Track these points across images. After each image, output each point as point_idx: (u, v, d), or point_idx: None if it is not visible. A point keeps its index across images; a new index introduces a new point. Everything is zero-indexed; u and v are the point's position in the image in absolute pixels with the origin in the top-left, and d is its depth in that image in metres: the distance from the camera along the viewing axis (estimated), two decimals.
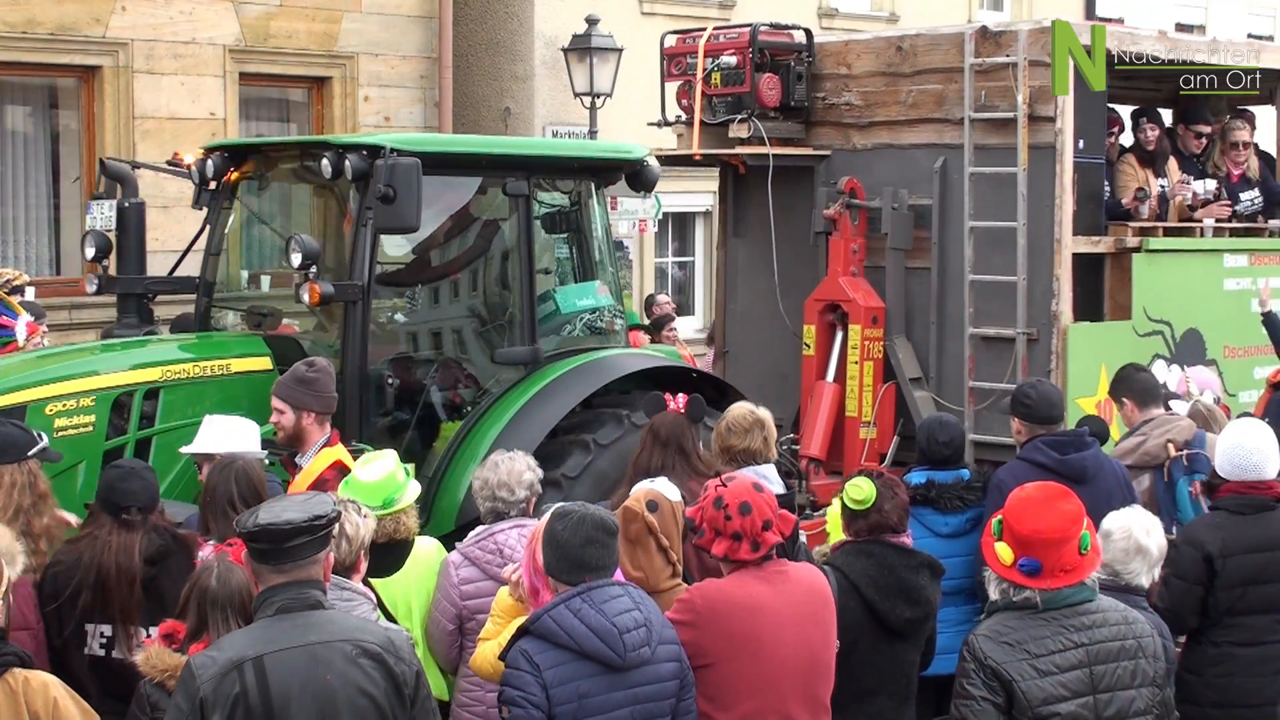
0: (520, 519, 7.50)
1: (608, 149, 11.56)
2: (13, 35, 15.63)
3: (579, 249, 10.96)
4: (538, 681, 5.60)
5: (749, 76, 12.34)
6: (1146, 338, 12.29)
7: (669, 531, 6.70)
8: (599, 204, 10.91)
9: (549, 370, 10.32)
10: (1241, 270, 12.98)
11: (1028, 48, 11.70)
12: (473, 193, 10.56)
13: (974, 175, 11.99)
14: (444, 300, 10.74)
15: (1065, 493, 5.96)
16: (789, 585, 6.28)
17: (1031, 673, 5.69)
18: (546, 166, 10.60)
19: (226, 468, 7.41)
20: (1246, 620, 7.37)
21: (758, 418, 8.46)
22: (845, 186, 12.33)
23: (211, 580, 5.89)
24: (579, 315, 10.77)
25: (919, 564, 7.22)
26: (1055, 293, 11.75)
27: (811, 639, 6.31)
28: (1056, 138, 11.72)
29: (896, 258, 12.37)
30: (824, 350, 12.39)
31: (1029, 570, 5.76)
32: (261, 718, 4.98)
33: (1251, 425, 7.97)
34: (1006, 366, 11.85)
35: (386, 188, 9.25)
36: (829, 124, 12.78)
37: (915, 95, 12.35)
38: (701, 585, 6.31)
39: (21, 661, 5.31)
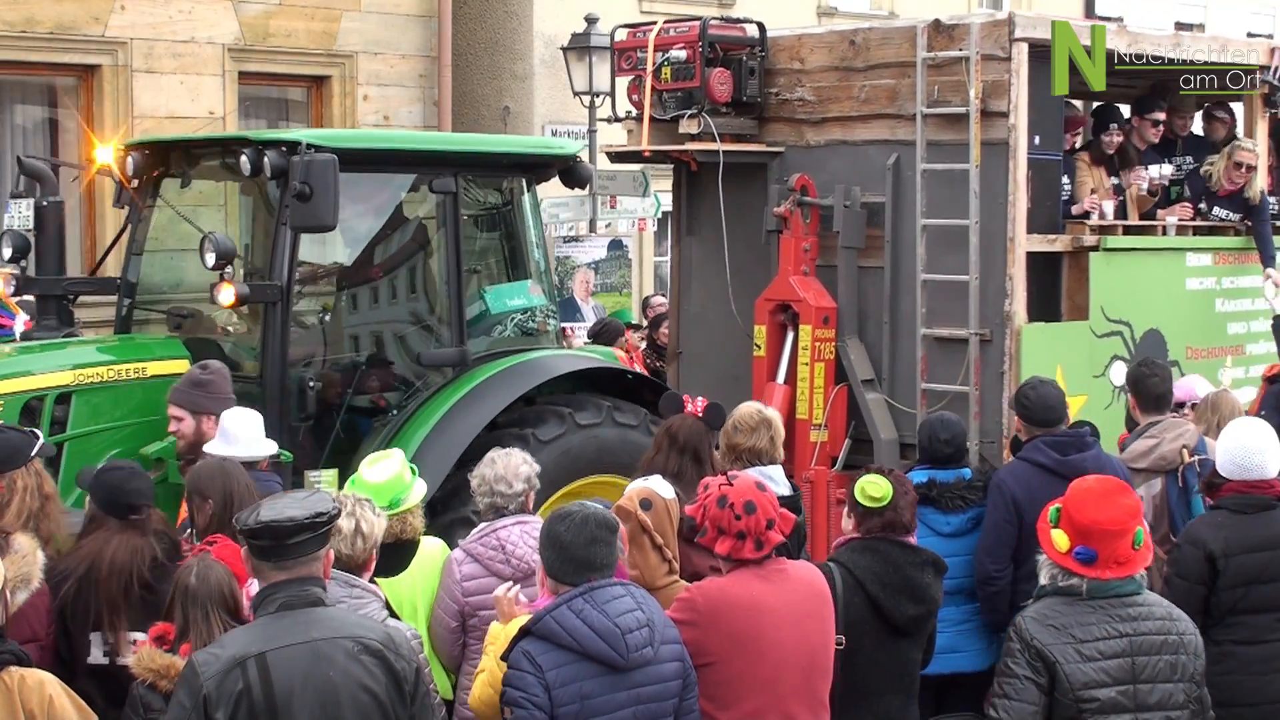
0: (522, 515, 7.37)
1: (537, 145, 11.07)
2: (12, 34, 15.42)
3: (511, 248, 10.36)
4: (540, 682, 5.52)
5: (699, 71, 11.81)
6: (1104, 338, 11.71)
7: (663, 529, 6.62)
8: (531, 201, 10.27)
9: (477, 372, 9.93)
10: (1205, 269, 12.40)
11: (980, 41, 11.14)
12: (398, 190, 10.12)
13: (926, 172, 11.44)
14: (370, 301, 10.33)
15: (1125, 488, 6.06)
16: (789, 583, 6.20)
17: (1075, 656, 5.76)
18: (473, 163, 10.08)
19: (237, 468, 7.34)
20: (1248, 619, 7.24)
21: (764, 417, 8.25)
22: (796, 184, 11.81)
23: (191, 578, 5.84)
24: (510, 315, 10.26)
25: (923, 561, 7.10)
26: (1009, 292, 11.21)
27: (811, 637, 6.23)
28: (1009, 134, 11.19)
29: (849, 256, 11.81)
30: (775, 351, 11.88)
31: (1084, 559, 5.82)
32: (264, 714, 4.92)
33: (1252, 424, 7.79)
34: (960, 368, 11.26)
35: (302, 185, 8.86)
36: (782, 120, 12.24)
37: (868, 90, 11.79)
38: (702, 584, 6.20)
39: (18, 660, 5.25)
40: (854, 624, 6.79)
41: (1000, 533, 8.27)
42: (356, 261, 10.39)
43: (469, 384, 9.78)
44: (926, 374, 11.55)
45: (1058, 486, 7.58)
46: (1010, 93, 11.20)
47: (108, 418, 9.04)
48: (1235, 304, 12.65)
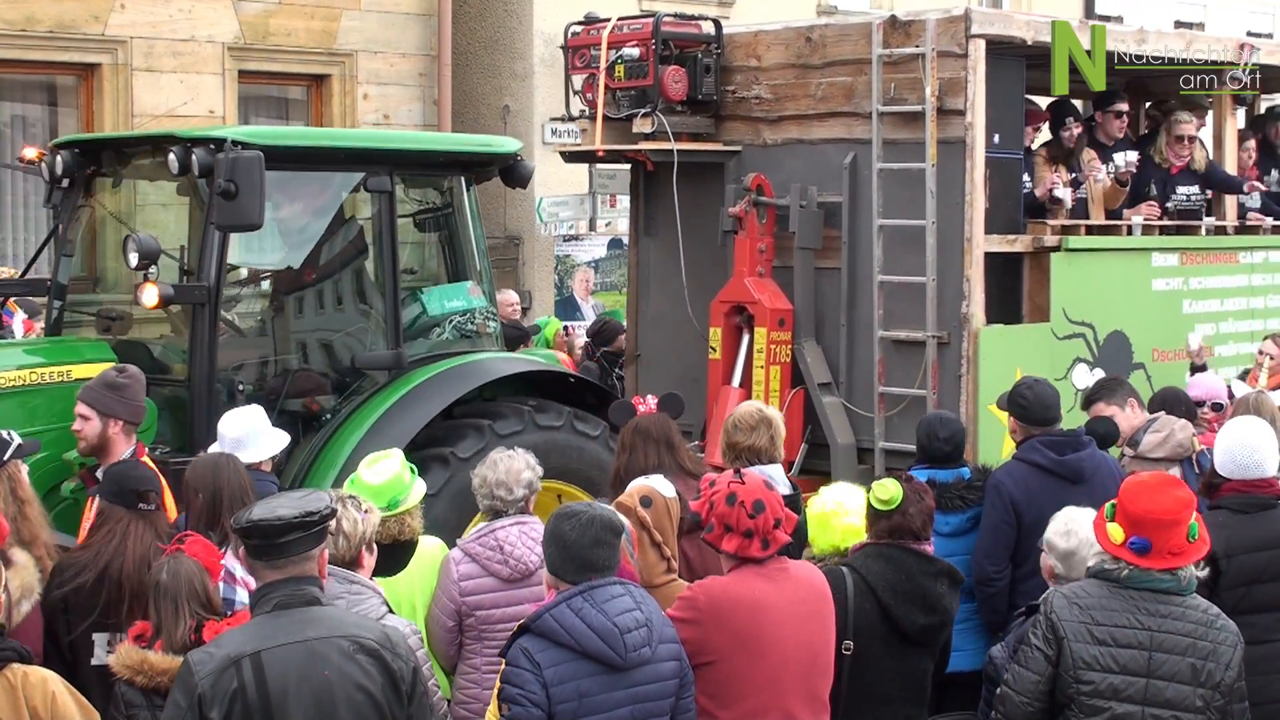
0: (520, 516, 7.20)
1: (476, 143, 10.64)
2: (12, 33, 15.18)
3: (451, 248, 9.93)
4: (538, 680, 5.45)
5: (652, 69, 11.32)
6: (1066, 340, 11.27)
7: (663, 527, 6.60)
8: (472, 201, 9.82)
9: (414, 375, 9.54)
10: (1172, 270, 11.92)
11: (936, 38, 10.72)
12: (332, 189, 9.71)
13: (882, 171, 10.99)
14: (304, 302, 9.96)
15: (1178, 481, 6.05)
16: (790, 582, 6.12)
17: (1085, 636, 5.77)
18: (409, 162, 9.64)
19: (230, 464, 7.16)
20: (1251, 619, 6.94)
21: (764, 415, 8.09)
22: (751, 183, 11.34)
23: (162, 575, 5.80)
24: (448, 317, 9.77)
25: (938, 571, 6.88)
26: (966, 294, 10.81)
27: (812, 636, 6.16)
28: (966, 132, 10.78)
29: (805, 258, 11.36)
30: (730, 354, 11.47)
31: (1139, 549, 5.81)
32: (259, 713, 4.86)
33: (1252, 423, 7.63)
34: (917, 371, 10.82)
35: (228, 183, 8.51)
36: (739, 118, 11.80)
37: (825, 88, 11.38)
38: (704, 583, 6.13)
39: (20, 657, 5.21)
40: (863, 630, 6.65)
41: (998, 534, 8.03)
42: (290, 262, 10.02)
43: (404, 387, 9.42)
44: (884, 377, 11.15)
45: (1056, 487, 7.81)
46: (967, 90, 10.79)
47: (31, 422, 8.60)
48: (1203, 305, 12.19)
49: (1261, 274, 12.64)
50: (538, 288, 18.36)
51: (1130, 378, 11.32)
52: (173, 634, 5.76)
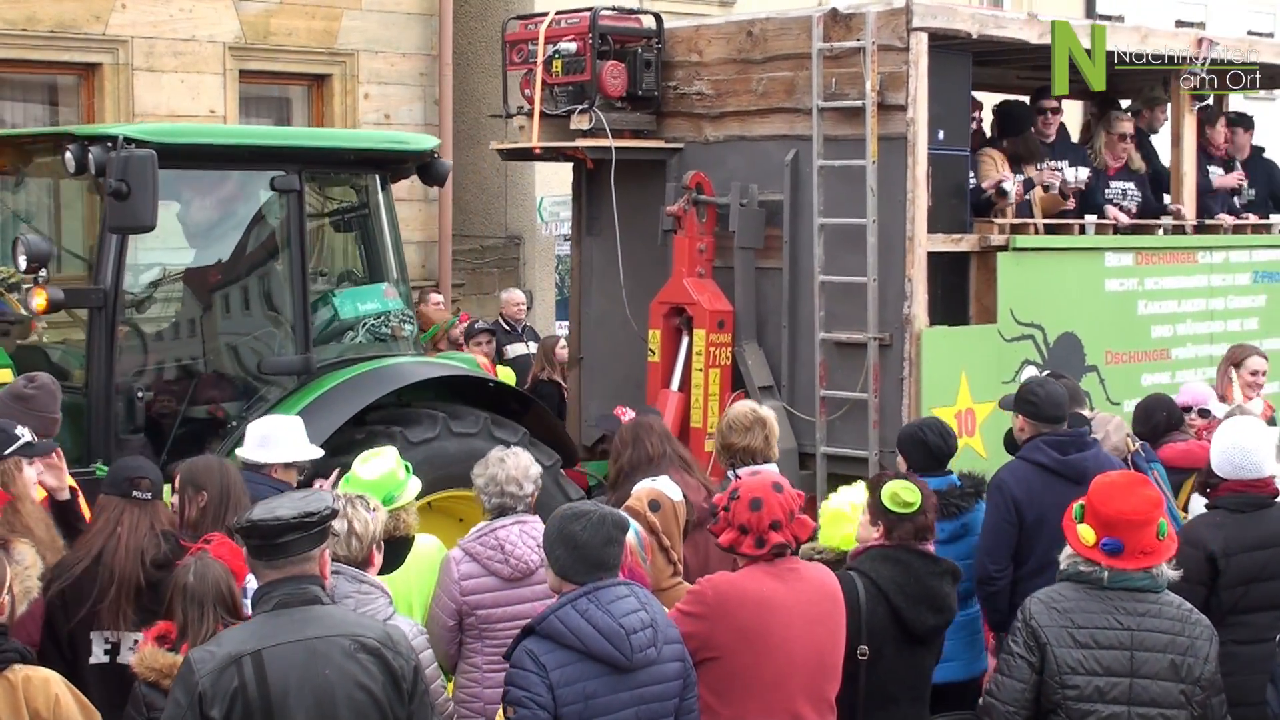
0: (522, 515, 7.03)
1: (389, 140, 10.11)
2: (13, 33, 14.77)
3: (366, 249, 9.37)
4: (544, 682, 5.36)
5: (590, 64, 10.77)
6: (1014, 342, 10.75)
7: (670, 532, 6.55)
8: (387, 200, 9.27)
9: (323, 380, 9.07)
10: (1126, 270, 11.37)
11: (877, 31, 10.19)
12: (238, 188, 9.23)
13: (823, 168, 10.47)
14: (209, 306, 9.46)
15: (1146, 480, 6.01)
16: (801, 583, 6.02)
17: (1068, 640, 5.72)
18: (318, 159, 9.13)
19: (218, 468, 6.99)
20: (1248, 618, 6.99)
21: (759, 416, 8.00)
22: (690, 181, 10.80)
23: (189, 577, 5.74)
24: (362, 320, 9.21)
25: (943, 571, 6.78)
26: (908, 294, 10.35)
27: (820, 638, 6.05)
28: (908, 128, 10.24)
29: (745, 257, 10.85)
30: (669, 356, 10.98)
31: (1111, 550, 5.75)
32: (260, 712, 4.79)
33: (1248, 424, 7.53)
34: (859, 374, 10.22)
35: (119, 182, 8.05)
36: (680, 115, 11.31)
37: (766, 83, 10.90)
38: (713, 577, 6.03)
39: (22, 658, 5.13)
40: (876, 633, 6.55)
41: (1000, 533, 7.82)
42: (195, 264, 9.54)
43: (313, 393, 8.95)
44: (825, 380, 10.65)
45: (1058, 486, 7.60)
46: (909, 85, 10.32)
47: None
48: (1159, 306, 11.66)
49: (1221, 274, 12.11)
50: (539, 288, 17.93)
51: (1082, 380, 10.93)
52: (197, 637, 5.62)
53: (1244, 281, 12.32)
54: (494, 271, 17.78)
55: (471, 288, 17.82)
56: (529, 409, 9.80)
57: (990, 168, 11.29)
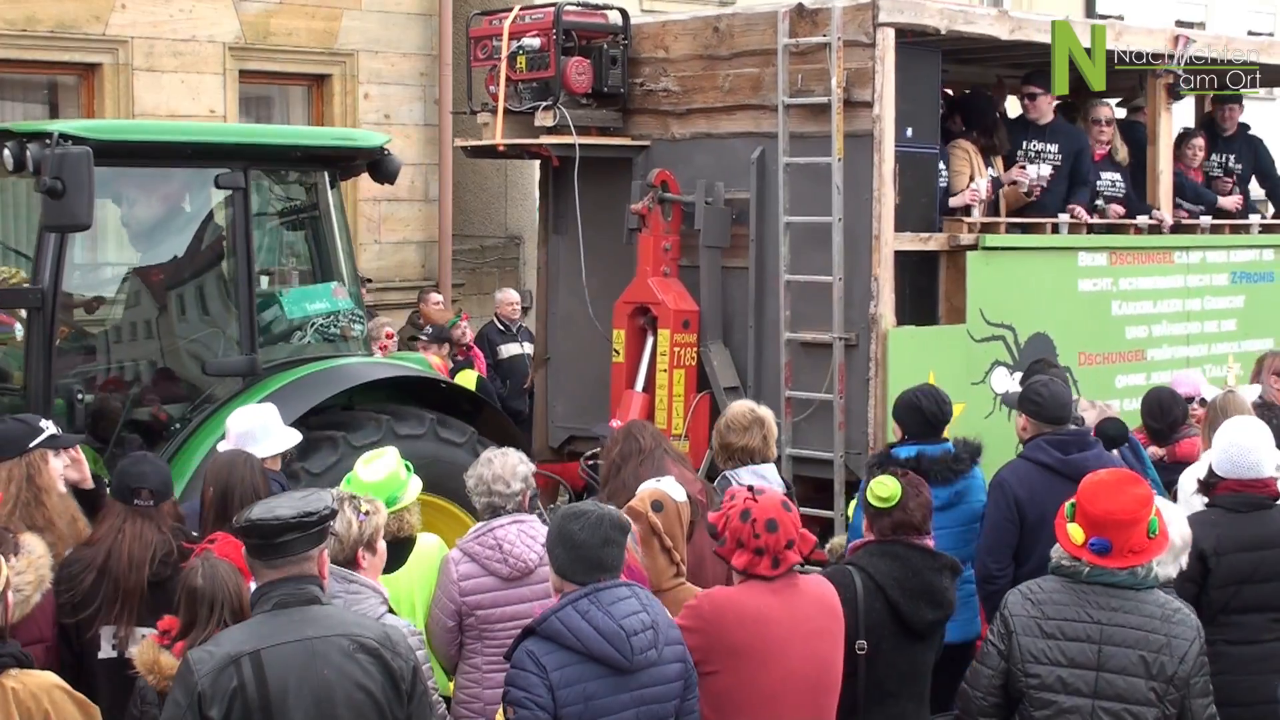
0: (518, 514, 7.00)
1: (337, 136, 9.85)
2: (12, 33, 14.62)
3: (315, 248, 9.13)
4: (544, 683, 5.31)
5: (554, 60, 10.50)
6: (984, 343, 10.50)
7: (673, 532, 6.46)
8: (337, 198, 9.04)
9: (269, 382, 8.86)
10: (1100, 270, 11.11)
11: (843, 27, 9.93)
12: (182, 186, 8.97)
13: (789, 166, 10.19)
14: (153, 306, 9.18)
15: (1136, 478, 5.91)
16: (799, 598, 5.95)
17: (1035, 630, 5.71)
18: (264, 156, 8.87)
19: (247, 461, 6.96)
20: (1240, 619, 6.94)
21: (757, 415, 7.94)
22: (655, 179, 10.53)
23: (198, 579, 5.63)
24: (310, 321, 8.94)
25: (941, 566, 6.73)
26: (874, 294, 10.08)
27: (819, 653, 5.99)
28: (874, 125, 9.97)
29: (711, 256, 10.60)
30: (634, 357, 10.71)
31: (1099, 549, 5.70)
32: (259, 712, 4.77)
33: (1249, 423, 7.46)
34: (826, 374, 10.00)
35: (54, 180, 7.86)
36: (647, 112, 11.08)
37: (732, 80, 10.65)
38: (711, 593, 5.99)
39: (19, 662, 5.04)
40: (873, 628, 6.51)
41: (1001, 531, 7.80)
42: (138, 264, 9.27)
43: (257, 395, 8.71)
44: (791, 381, 10.38)
45: (1060, 485, 7.46)
46: (875, 81, 10.08)
47: None
48: (1134, 307, 11.39)
49: (1198, 274, 11.84)
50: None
51: None
52: (198, 637, 5.51)
53: (1222, 282, 12.05)
54: (494, 271, 17.65)
55: (471, 288, 17.71)
56: (482, 410, 9.53)
57: (963, 163, 11.03)
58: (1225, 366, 11.84)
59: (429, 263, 17.16)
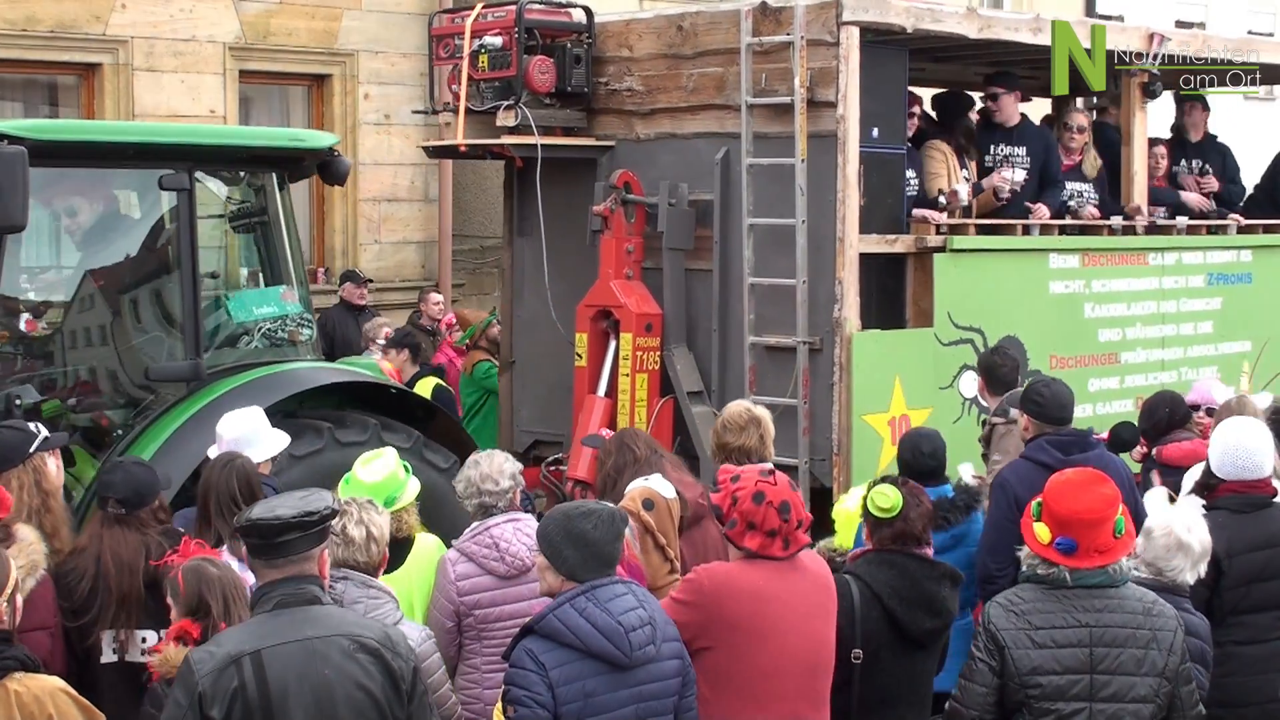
0: (512, 513, 6.97)
1: (285, 137, 9.54)
2: (12, 33, 14.64)
3: (264, 250, 8.91)
4: (544, 681, 5.29)
5: (515, 59, 10.26)
6: (952, 346, 10.27)
7: (665, 529, 6.48)
8: (285, 200, 8.80)
9: (214, 387, 8.61)
10: (1072, 272, 10.87)
11: (806, 25, 9.66)
12: (124, 188, 8.69)
13: (752, 167, 9.99)
14: (95, 309, 8.86)
15: (1103, 478, 5.85)
16: (796, 575, 5.94)
17: (1026, 642, 5.66)
18: (209, 157, 8.61)
19: (226, 465, 6.92)
20: (1249, 619, 6.93)
21: (754, 415, 7.85)
22: (618, 180, 10.27)
23: (211, 568, 5.71)
24: (257, 325, 8.74)
25: (941, 575, 6.67)
26: (839, 297, 9.84)
27: (815, 631, 5.97)
28: (838, 125, 9.71)
29: (675, 259, 10.38)
30: (596, 361, 10.48)
31: (1065, 549, 5.67)
32: (259, 711, 4.75)
33: (1248, 424, 7.43)
34: (790, 379, 9.70)
35: None
36: (611, 112, 10.85)
37: (696, 79, 10.42)
38: (710, 567, 5.96)
39: (23, 665, 5.01)
40: (871, 637, 6.47)
41: (1002, 531, 7.69)
42: (80, 266, 9.07)
43: (202, 401, 8.51)
44: (755, 385, 10.21)
45: None
46: (839, 81, 9.86)
47: None
48: (1107, 309, 11.14)
49: (1173, 276, 11.57)
50: None
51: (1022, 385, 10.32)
52: (232, 621, 5.57)
53: (1198, 283, 11.79)
54: (494, 271, 17.58)
55: (471, 288, 17.66)
56: (435, 417, 9.30)
57: (940, 164, 10.80)
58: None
59: (429, 263, 17.10)
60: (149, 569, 6.41)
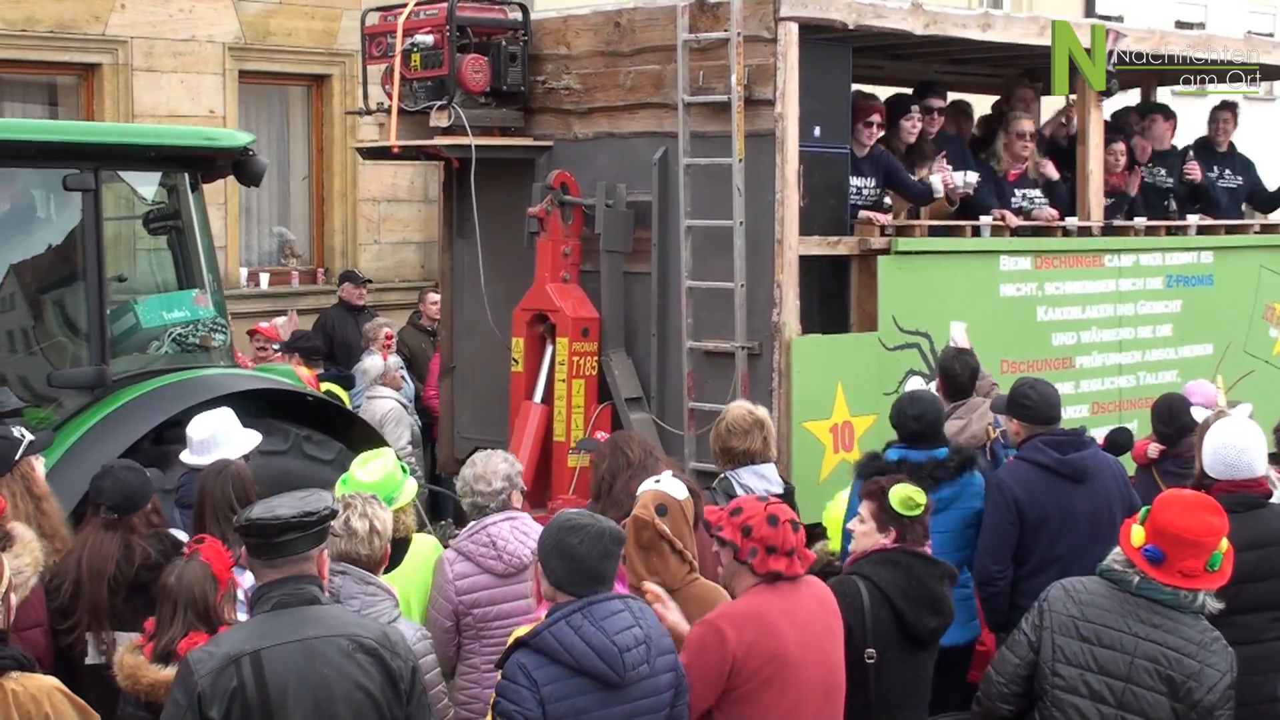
0: (509, 511, 6.91)
1: (196, 136, 9.18)
2: (12, 33, 14.53)
3: (176, 253, 8.51)
4: (535, 697, 5.22)
5: (448, 57, 9.88)
6: (898, 351, 9.94)
7: (681, 533, 6.28)
8: (198, 201, 8.43)
9: (121, 394, 8.32)
10: (1023, 274, 10.52)
11: (743, 21, 9.29)
12: (27, 187, 8.47)
13: (690, 167, 9.56)
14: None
15: (1218, 509, 5.84)
16: (803, 599, 5.89)
17: (1070, 629, 5.65)
18: (116, 156, 8.27)
19: (221, 472, 6.82)
20: (1241, 619, 6.72)
21: (757, 418, 7.80)
22: (554, 181, 9.90)
23: (170, 577, 5.70)
24: (167, 330, 8.36)
25: (941, 574, 6.68)
26: (778, 301, 9.45)
27: (828, 654, 5.93)
28: (777, 124, 9.28)
29: (613, 261, 10.06)
30: (533, 366, 10.11)
31: (1152, 557, 5.63)
32: (258, 711, 4.72)
33: (1240, 424, 7.31)
34: (729, 385, 9.34)
35: None
36: (549, 111, 10.50)
37: (634, 77, 10.11)
38: (725, 614, 5.78)
39: (19, 665, 4.96)
40: (880, 637, 6.45)
41: (1000, 532, 7.66)
42: None
43: (107, 408, 8.24)
44: (694, 391, 9.83)
45: (1059, 486, 7.60)
46: (777, 78, 9.52)
47: None
48: (1061, 312, 10.78)
49: (1131, 278, 11.17)
50: None
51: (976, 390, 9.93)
52: (161, 638, 5.63)
53: (1156, 286, 11.38)
54: None
55: None
56: (354, 425, 8.94)
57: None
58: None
59: (429, 263, 16.91)
60: (128, 572, 6.37)
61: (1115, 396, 11.11)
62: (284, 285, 16.15)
